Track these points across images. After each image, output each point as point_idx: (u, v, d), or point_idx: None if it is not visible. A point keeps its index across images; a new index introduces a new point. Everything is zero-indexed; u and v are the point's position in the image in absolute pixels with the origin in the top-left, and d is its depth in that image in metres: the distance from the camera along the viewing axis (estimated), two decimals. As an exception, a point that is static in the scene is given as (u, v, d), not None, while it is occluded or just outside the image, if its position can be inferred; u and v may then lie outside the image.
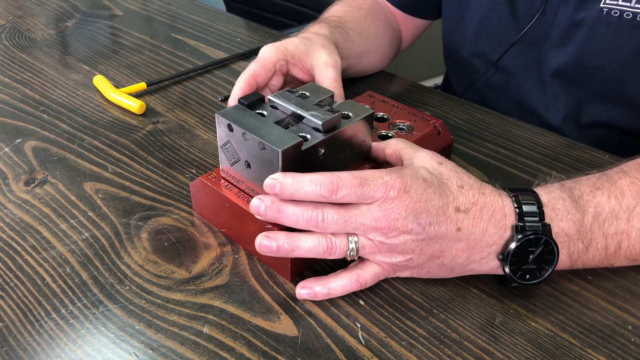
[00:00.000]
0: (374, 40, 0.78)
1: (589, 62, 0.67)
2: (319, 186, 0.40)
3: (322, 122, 0.45)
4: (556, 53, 0.70)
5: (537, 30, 0.71)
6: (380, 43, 0.79)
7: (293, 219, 0.42)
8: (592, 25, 0.65)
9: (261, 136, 0.43)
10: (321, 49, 0.61)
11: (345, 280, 0.44)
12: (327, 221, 0.41)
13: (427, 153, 0.46)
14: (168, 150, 0.63)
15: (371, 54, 0.78)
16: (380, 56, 0.80)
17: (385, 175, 0.41)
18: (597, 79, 0.68)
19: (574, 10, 0.66)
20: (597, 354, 0.41)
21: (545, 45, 0.71)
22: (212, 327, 0.42)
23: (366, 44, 0.76)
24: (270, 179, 0.42)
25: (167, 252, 0.49)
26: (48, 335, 0.41)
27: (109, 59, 0.84)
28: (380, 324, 0.43)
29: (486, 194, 0.44)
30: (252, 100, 0.48)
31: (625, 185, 0.45)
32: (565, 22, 0.68)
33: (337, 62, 0.61)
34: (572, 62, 0.68)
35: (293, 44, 0.62)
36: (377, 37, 0.79)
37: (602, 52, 0.65)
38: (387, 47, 0.82)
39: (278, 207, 0.42)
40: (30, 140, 0.64)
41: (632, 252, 0.45)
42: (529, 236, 0.42)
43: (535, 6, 0.70)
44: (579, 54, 0.67)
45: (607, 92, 0.68)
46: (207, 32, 0.94)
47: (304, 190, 0.41)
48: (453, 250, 0.43)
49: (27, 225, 0.51)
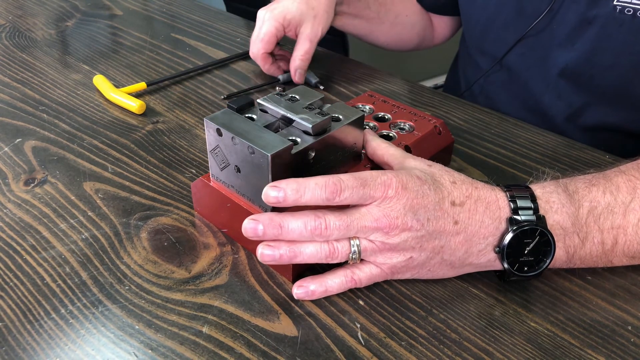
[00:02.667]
0: (393, 14, 0.81)
1: (599, 60, 0.66)
2: (323, 189, 0.40)
3: (312, 126, 0.45)
4: (563, 51, 0.70)
5: (543, 28, 0.70)
6: (401, 20, 0.82)
7: (297, 232, 0.41)
8: (605, 23, 0.64)
9: (250, 140, 0.43)
10: (312, 20, 0.69)
11: (340, 277, 0.44)
12: (331, 228, 0.41)
13: (415, 158, 0.47)
14: (168, 150, 0.63)
15: (385, 26, 0.82)
16: (396, 33, 0.83)
17: (382, 175, 0.42)
18: (605, 78, 0.67)
19: (586, 7, 0.66)
20: (597, 354, 0.41)
21: (552, 43, 0.71)
22: (212, 327, 0.42)
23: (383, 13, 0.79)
24: (271, 187, 0.40)
25: (167, 252, 0.49)
26: (47, 335, 0.41)
27: (109, 59, 0.84)
28: (380, 324, 0.43)
29: (479, 188, 0.44)
30: (241, 104, 0.48)
31: (621, 182, 0.46)
32: (575, 19, 0.67)
33: (317, 35, 0.71)
34: (580, 60, 0.68)
35: (291, 12, 0.71)
36: (397, 12, 0.82)
37: (613, 51, 0.65)
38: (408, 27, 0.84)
39: (279, 223, 0.41)
40: (30, 140, 0.64)
41: (629, 248, 0.45)
42: (523, 227, 0.42)
43: (543, 3, 0.70)
44: (588, 52, 0.67)
45: (615, 92, 0.68)
46: (207, 32, 0.94)
47: (309, 194, 0.40)
48: (452, 244, 0.43)
49: (26, 225, 0.51)
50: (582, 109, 0.72)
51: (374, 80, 0.80)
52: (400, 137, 0.55)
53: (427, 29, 0.87)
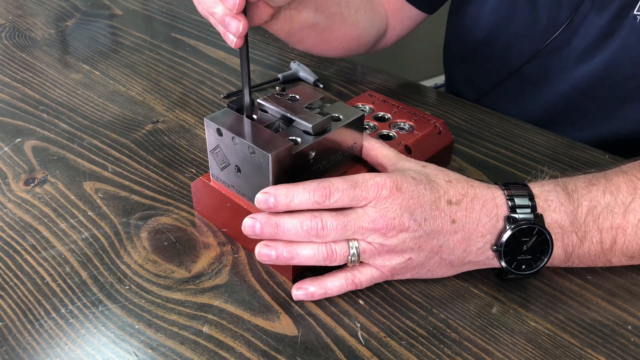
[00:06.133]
0: (354, 9, 0.68)
1: (619, 70, 0.66)
2: (312, 193, 0.41)
3: (312, 125, 0.45)
4: (582, 63, 0.69)
5: (562, 40, 0.69)
6: (361, 17, 0.69)
7: (293, 231, 0.41)
8: (626, 34, 0.64)
9: (251, 140, 0.43)
10: None
11: (341, 280, 0.44)
12: (327, 228, 0.41)
13: (409, 159, 0.47)
14: (168, 150, 0.63)
15: (347, 24, 0.68)
16: (356, 33, 0.69)
17: (376, 176, 0.42)
18: (624, 89, 0.67)
19: (608, 19, 0.65)
20: (597, 354, 0.41)
21: (570, 55, 0.69)
22: (212, 326, 0.42)
23: (344, 7, 0.66)
24: (262, 193, 0.41)
25: (167, 251, 0.49)
26: (48, 335, 0.41)
27: (109, 59, 0.84)
28: (380, 323, 0.43)
29: (475, 187, 0.44)
30: (242, 104, 0.48)
31: (621, 182, 0.45)
32: (596, 31, 0.66)
33: None
34: (598, 72, 0.67)
35: None
36: (357, 7, 0.68)
37: (633, 61, 0.64)
38: (367, 25, 0.71)
39: (275, 222, 0.41)
40: (30, 140, 0.64)
41: (628, 248, 0.45)
42: (521, 225, 0.42)
43: (562, 15, 0.68)
44: (608, 63, 0.66)
45: (632, 103, 0.67)
46: (207, 31, 0.94)
47: (298, 199, 0.41)
48: (450, 243, 0.43)
49: (26, 224, 0.51)
50: (598, 121, 0.71)
51: (374, 80, 0.80)
52: (400, 136, 0.55)
53: (381, 28, 0.76)
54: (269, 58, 0.86)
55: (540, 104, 0.76)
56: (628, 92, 0.67)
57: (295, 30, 0.63)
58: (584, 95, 0.71)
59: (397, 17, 0.77)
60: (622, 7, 0.64)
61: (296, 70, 0.80)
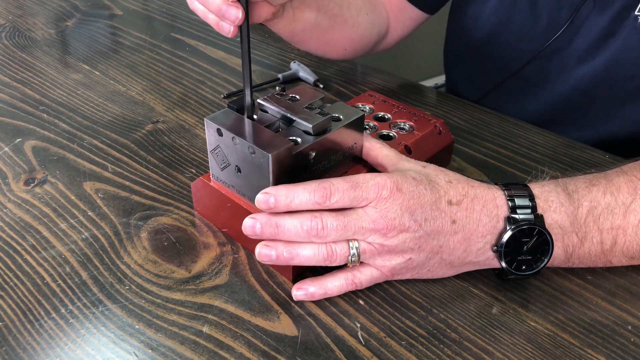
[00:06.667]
0: (355, 10, 0.68)
1: (620, 71, 0.66)
2: (313, 193, 0.41)
3: (312, 125, 0.45)
4: (583, 64, 0.69)
5: (563, 41, 0.69)
6: (362, 19, 0.70)
7: (293, 231, 0.41)
8: (626, 35, 0.64)
9: (251, 140, 0.43)
10: None
11: (341, 280, 0.44)
12: (328, 229, 0.41)
13: (409, 160, 0.47)
14: (168, 150, 0.63)
15: (348, 26, 0.68)
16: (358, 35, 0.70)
17: (377, 177, 0.42)
18: (624, 90, 0.67)
19: (609, 19, 0.65)
20: (597, 354, 0.41)
21: (571, 56, 0.69)
22: (212, 326, 0.42)
23: (346, 9, 0.66)
24: (263, 193, 0.41)
25: (167, 251, 0.49)
26: (48, 335, 0.41)
27: (109, 59, 0.84)
28: (380, 323, 0.43)
29: (475, 187, 0.44)
30: (241, 104, 0.48)
31: (622, 182, 0.45)
32: (597, 32, 0.66)
33: None
34: (599, 72, 0.67)
35: None
36: (359, 9, 0.69)
37: (634, 62, 0.64)
38: (369, 27, 0.71)
39: (275, 222, 0.41)
40: (30, 140, 0.64)
41: (629, 248, 0.45)
42: (521, 226, 0.42)
43: (563, 15, 0.68)
44: (608, 64, 0.66)
45: (633, 103, 0.67)
46: (207, 31, 0.94)
47: (298, 199, 0.41)
48: (450, 243, 0.43)
49: (26, 224, 0.51)
50: (598, 122, 0.71)
51: (374, 80, 0.80)
52: (400, 136, 0.55)
53: (382, 29, 0.76)
54: (269, 58, 0.86)
55: (541, 104, 0.76)
56: (628, 93, 0.67)
57: (298, 30, 0.63)
58: (584, 96, 0.71)
59: (398, 18, 0.78)
60: (623, 8, 0.64)
61: (296, 70, 0.80)
